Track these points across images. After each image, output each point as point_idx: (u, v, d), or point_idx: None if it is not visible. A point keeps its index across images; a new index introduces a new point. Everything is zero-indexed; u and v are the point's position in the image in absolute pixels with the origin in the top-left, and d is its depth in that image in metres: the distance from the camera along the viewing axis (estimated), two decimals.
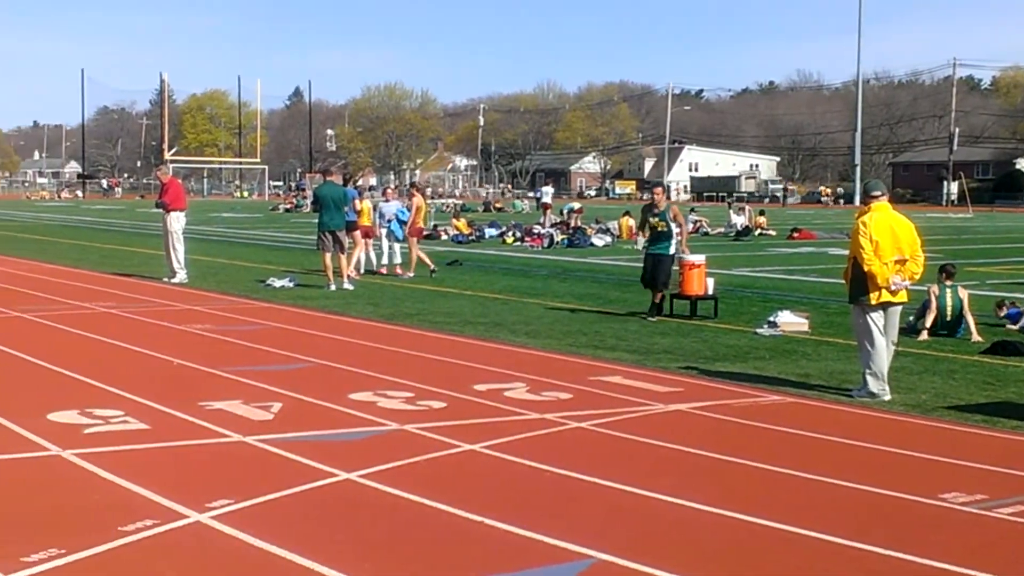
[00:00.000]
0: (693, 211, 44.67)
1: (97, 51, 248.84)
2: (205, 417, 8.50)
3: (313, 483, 6.70)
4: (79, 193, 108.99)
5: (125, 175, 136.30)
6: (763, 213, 43.30)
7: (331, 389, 9.69)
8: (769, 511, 6.24)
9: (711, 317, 15.23)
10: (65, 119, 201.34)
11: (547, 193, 47.06)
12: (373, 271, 22.05)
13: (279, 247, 31.55)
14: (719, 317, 15.26)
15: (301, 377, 10.36)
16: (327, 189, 19.56)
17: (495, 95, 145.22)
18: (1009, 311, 14.61)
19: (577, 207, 42.83)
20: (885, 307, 9.96)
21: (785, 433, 8.41)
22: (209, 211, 60.47)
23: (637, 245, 16.56)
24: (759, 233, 38.64)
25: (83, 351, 12.03)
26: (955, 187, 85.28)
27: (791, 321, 14.12)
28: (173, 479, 6.74)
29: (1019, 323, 14.21)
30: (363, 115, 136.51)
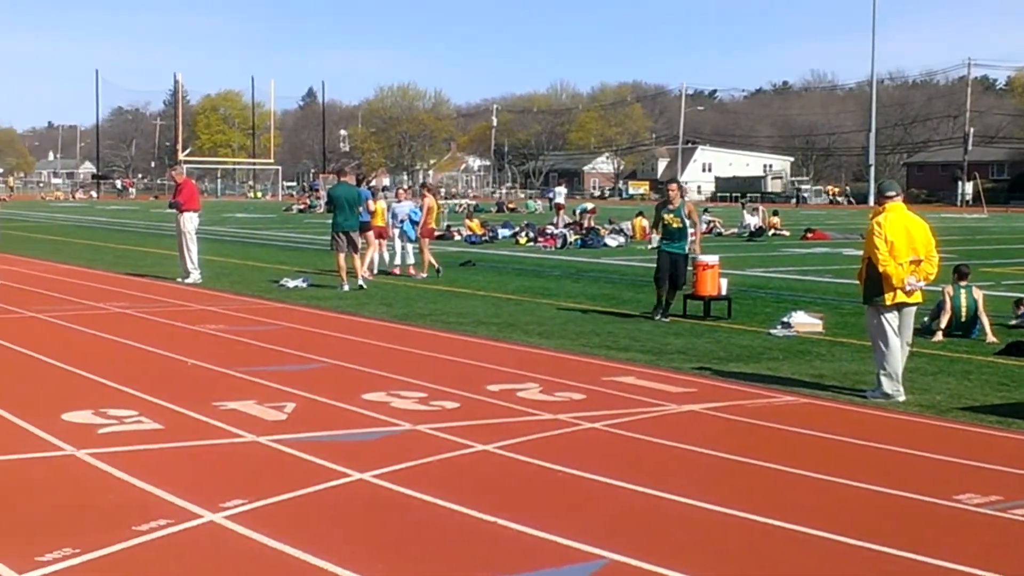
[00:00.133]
0: (706, 211, 44.60)
1: (111, 52, 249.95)
2: (219, 417, 8.52)
3: (326, 483, 6.71)
4: (93, 194, 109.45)
5: (139, 176, 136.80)
6: (776, 213, 43.18)
7: (344, 389, 9.70)
8: (782, 512, 6.22)
9: (724, 318, 15.21)
10: (79, 120, 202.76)
11: (560, 194, 47.06)
12: (386, 271, 22.08)
13: (292, 247, 31.61)
14: (732, 318, 15.23)
15: (314, 377, 10.38)
16: (341, 190, 19.57)
17: (508, 95, 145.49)
18: None
19: (590, 207, 42.81)
20: (900, 308, 9.93)
21: (798, 434, 8.39)
22: (223, 211, 60.64)
23: (651, 244, 16.48)
24: (772, 233, 38.55)
25: (97, 351, 12.07)
26: (970, 187, 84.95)
27: (805, 322, 14.08)
28: (187, 479, 6.76)
29: None
30: (376, 116, 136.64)
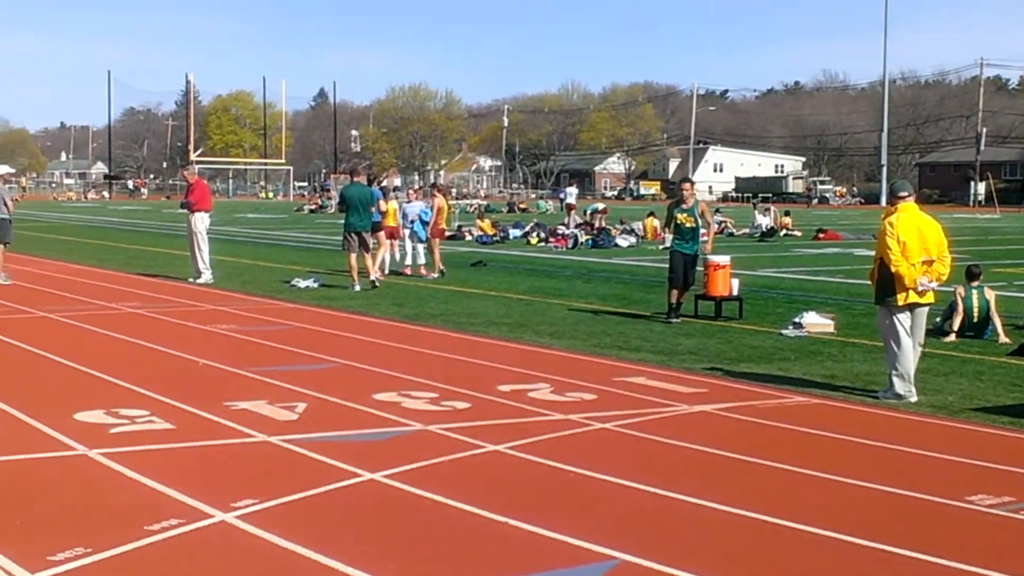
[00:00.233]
0: (718, 212, 44.53)
1: (124, 53, 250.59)
2: (230, 417, 8.53)
3: (337, 483, 6.71)
4: (105, 194, 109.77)
5: (151, 176, 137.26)
6: (788, 214, 43.12)
7: (355, 389, 9.71)
8: (793, 512, 6.21)
9: (736, 318, 15.18)
10: (92, 120, 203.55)
11: (571, 194, 47.09)
12: (397, 272, 22.10)
13: (304, 248, 31.66)
14: (744, 318, 15.21)
15: (325, 377, 10.39)
16: (354, 190, 19.59)
17: (519, 96, 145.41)
18: None
19: (601, 208, 42.80)
20: (912, 308, 9.90)
21: (810, 434, 8.37)
22: (234, 212, 60.77)
23: (664, 244, 16.41)
24: (784, 234, 38.49)
25: (109, 351, 12.10)
26: (982, 187, 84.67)
27: (816, 322, 14.04)
28: (198, 479, 6.77)
29: None
30: (387, 116, 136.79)
